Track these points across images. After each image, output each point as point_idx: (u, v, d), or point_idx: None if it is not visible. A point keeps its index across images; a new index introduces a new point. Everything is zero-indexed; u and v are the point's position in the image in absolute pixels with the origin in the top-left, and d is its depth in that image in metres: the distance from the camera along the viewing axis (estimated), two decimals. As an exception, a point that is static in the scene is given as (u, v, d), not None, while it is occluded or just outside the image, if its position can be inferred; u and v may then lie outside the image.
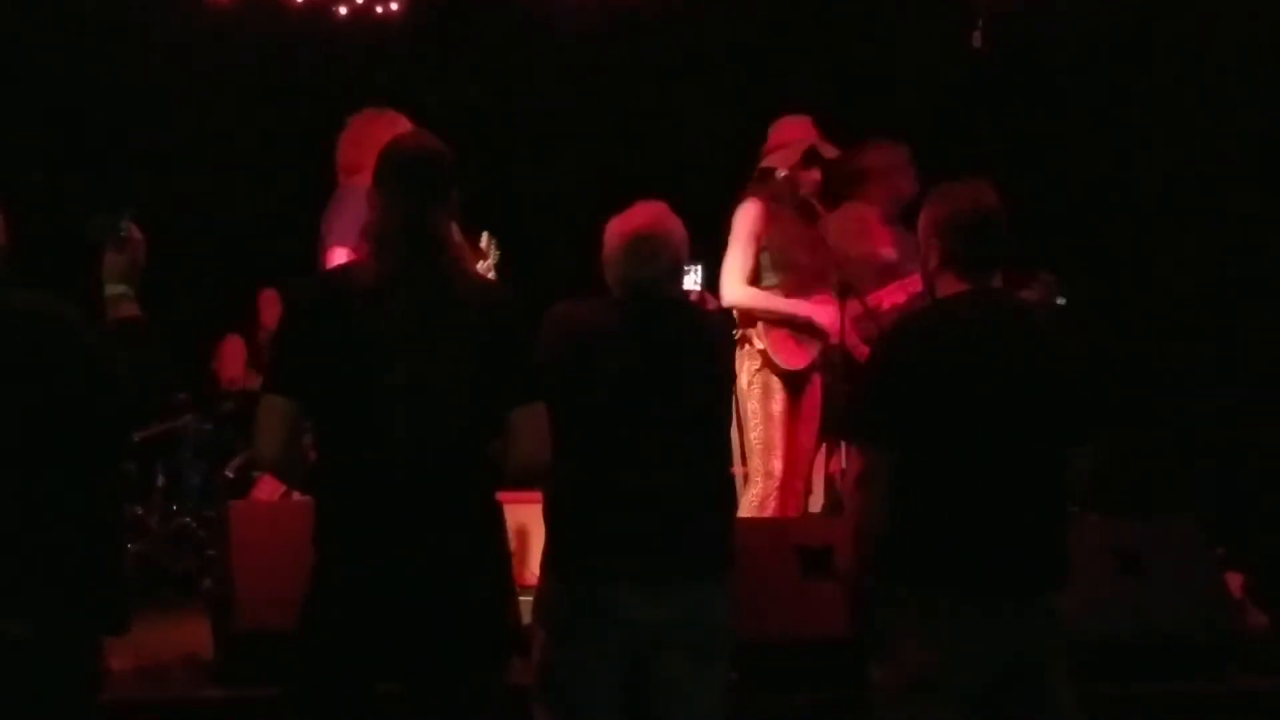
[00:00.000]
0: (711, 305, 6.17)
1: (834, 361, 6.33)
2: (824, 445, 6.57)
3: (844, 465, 6.23)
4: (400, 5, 7.90)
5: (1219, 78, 7.61)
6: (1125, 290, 7.95)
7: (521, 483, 3.86)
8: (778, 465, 6.24)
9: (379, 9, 7.88)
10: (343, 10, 7.83)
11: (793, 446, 6.30)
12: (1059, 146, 8.06)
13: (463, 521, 3.59)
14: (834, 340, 6.23)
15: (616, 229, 4.15)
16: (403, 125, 5.73)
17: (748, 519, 6.18)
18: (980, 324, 3.88)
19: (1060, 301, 6.19)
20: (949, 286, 3.95)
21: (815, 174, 6.31)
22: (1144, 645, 5.46)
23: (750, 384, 6.21)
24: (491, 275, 5.56)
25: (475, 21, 8.29)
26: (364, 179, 5.83)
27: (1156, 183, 7.96)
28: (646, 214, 4.16)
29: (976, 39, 7.14)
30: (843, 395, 6.06)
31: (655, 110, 8.32)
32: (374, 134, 5.85)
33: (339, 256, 5.71)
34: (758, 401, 6.22)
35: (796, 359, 6.27)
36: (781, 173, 6.29)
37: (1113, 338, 7.58)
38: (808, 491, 6.70)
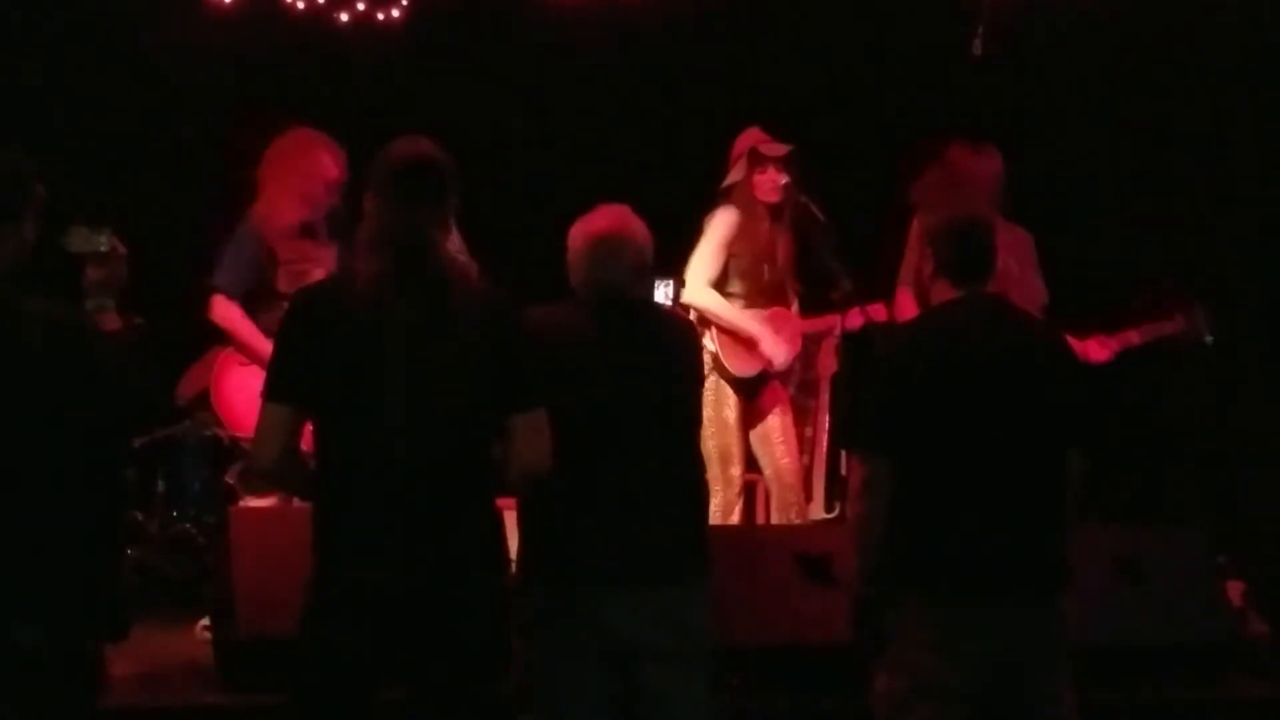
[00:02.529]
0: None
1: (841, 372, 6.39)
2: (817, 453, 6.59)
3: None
4: (401, 13, 7.90)
5: (1222, 84, 7.61)
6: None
7: (522, 490, 3.86)
8: (736, 473, 6.25)
9: (380, 16, 7.87)
10: (344, 17, 7.83)
11: (761, 453, 6.31)
12: (1059, 154, 8.06)
13: (462, 528, 3.59)
14: (774, 368, 6.26)
15: (580, 231, 4.19)
16: (324, 155, 5.89)
17: (749, 526, 6.21)
18: (974, 330, 3.92)
19: (1209, 340, 6.06)
20: (943, 294, 4.00)
21: (770, 175, 6.26)
22: (1144, 652, 5.47)
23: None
24: None
25: (477, 29, 8.28)
26: (274, 204, 5.88)
27: (1158, 190, 7.96)
28: (609, 216, 4.20)
29: (977, 46, 7.14)
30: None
31: (652, 122, 8.32)
32: (280, 156, 5.96)
33: (221, 305, 5.83)
34: (712, 409, 6.16)
35: (746, 366, 6.28)
36: (735, 179, 6.29)
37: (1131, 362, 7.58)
38: (808, 499, 6.70)
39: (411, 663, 3.56)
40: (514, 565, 4.00)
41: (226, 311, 5.84)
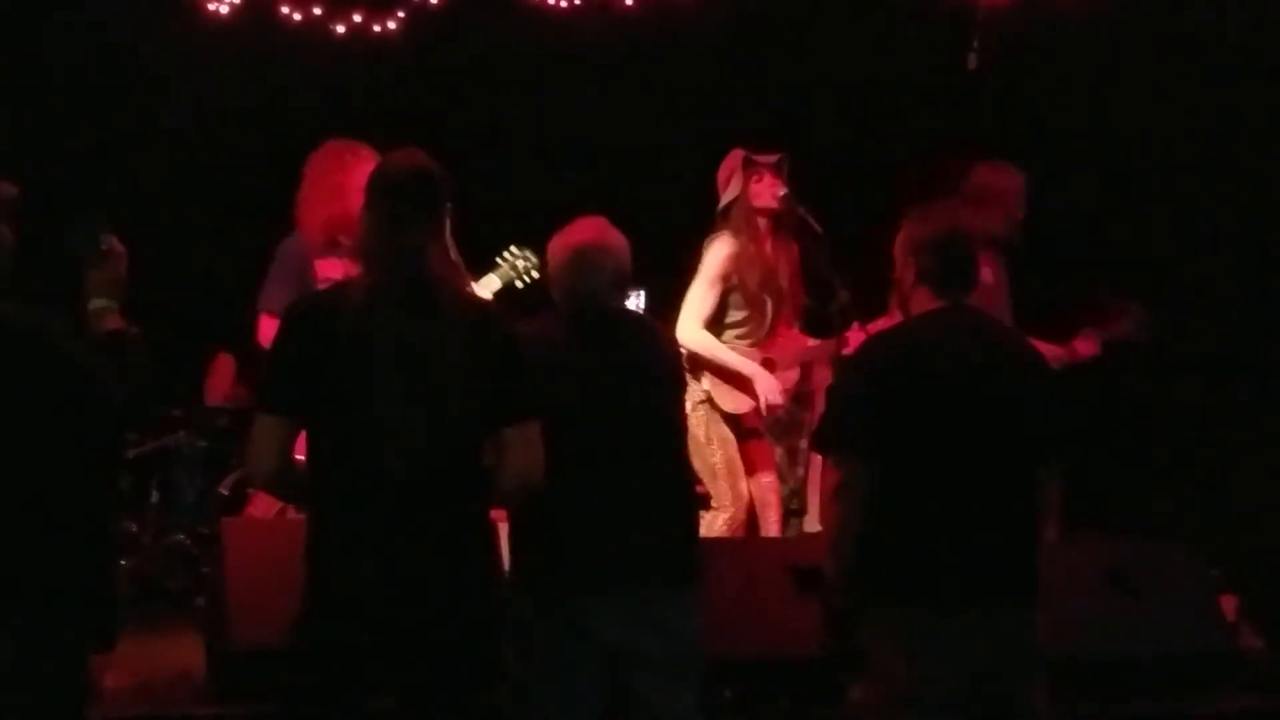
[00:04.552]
0: None
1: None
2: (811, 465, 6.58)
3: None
4: (398, 24, 7.92)
5: (1217, 90, 7.64)
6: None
7: (516, 501, 3.86)
8: (744, 487, 6.20)
9: (376, 27, 7.90)
10: (340, 29, 7.85)
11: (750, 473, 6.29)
12: (1054, 167, 8.08)
13: (455, 538, 3.60)
14: (764, 410, 6.18)
15: (560, 243, 4.23)
16: (356, 167, 5.45)
17: (742, 539, 6.20)
18: (952, 341, 3.93)
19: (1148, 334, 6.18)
20: (923, 304, 4.01)
21: (767, 181, 6.18)
22: (1137, 665, 5.47)
23: (694, 409, 5.95)
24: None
25: (473, 41, 8.31)
26: (305, 222, 5.76)
27: (1154, 205, 7.98)
28: (589, 228, 4.24)
29: (972, 60, 7.15)
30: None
31: (645, 133, 8.34)
32: (313, 171, 5.71)
33: (265, 325, 5.61)
34: (707, 426, 6.12)
35: (739, 403, 6.20)
36: (733, 194, 6.19)
37: (1112, 359, 7.59)
38: (802, 512, 6.70)
39: (404, 672, 3.56)
40: (506, 575, 4.01)
41: (269, 332, 5.71)
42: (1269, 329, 7.54)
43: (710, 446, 6.14)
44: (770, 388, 6.18)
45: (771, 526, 6.31)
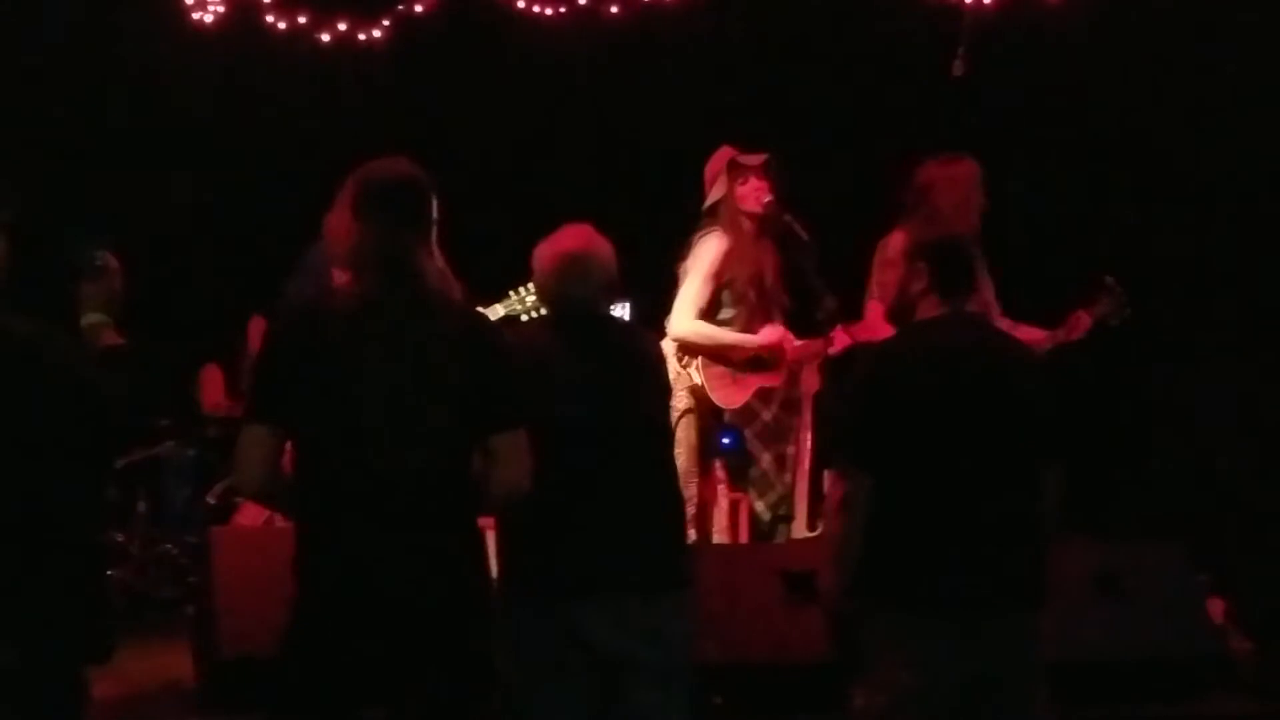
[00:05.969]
0: None
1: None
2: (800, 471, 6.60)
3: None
4: (383, 32, 7.93)
5: (1210, 90, 7.66)
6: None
7: (503, 509, 3.86)
8: (693, 491, 6.19)
9: (361, 36, 7.90)
10: (326, 37, 7.85)
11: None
12: (1044, 170, 8.10)
13: (443, 546, 3.59)
14: (787, 355, 6.24)
15: (548, 251, 4.25)
16: None
17: (733, 544, 6.21)
18: (956, 347, 3.96)
19: (1128, 312, 6.18)
20: (929, 310, 4.03)
21: (752, 184, 6.23)
22: (1126, 669, 5.47)
23: (674, 411, 5.93)
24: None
25: (457, 48, 8.32)
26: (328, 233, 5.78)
27: (1147, 210, 8.00)
28: (576, 235, 4.26)
29: (958, 67, 7.16)
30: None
31: (633, 140, 8.35)
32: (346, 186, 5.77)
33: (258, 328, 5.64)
34: (681, 430, 6.13)
35: (733, 397, 6.27)
36: (718, 196, 6.24)
37: (1103, 364, 7.61)
38: (790, 518, 6.71)
39: (394, 681, 3.55)
40: (495, 583, 4.00)
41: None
42: (1263, 331, 7.56)
43: (677, 449, 6.16)
44: (778, 332, 6.23)
45: (722, 533, 6.37)
